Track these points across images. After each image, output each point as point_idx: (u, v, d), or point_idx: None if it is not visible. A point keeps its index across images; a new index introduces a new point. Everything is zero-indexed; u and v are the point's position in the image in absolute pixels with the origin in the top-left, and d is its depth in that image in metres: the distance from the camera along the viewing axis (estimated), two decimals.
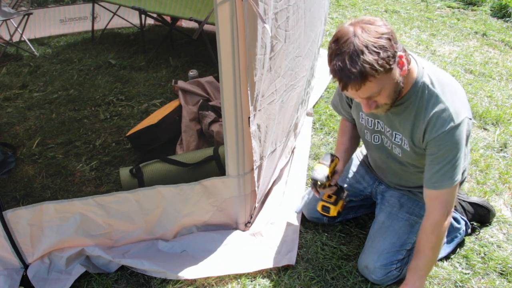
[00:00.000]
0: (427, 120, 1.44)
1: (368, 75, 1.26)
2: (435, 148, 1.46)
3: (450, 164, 1.45)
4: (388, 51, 1.27)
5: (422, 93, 1.45)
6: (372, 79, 1.28)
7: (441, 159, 1.45)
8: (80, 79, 3.53)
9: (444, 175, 1.46)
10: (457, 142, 1.43)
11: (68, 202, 1.73)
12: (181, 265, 1.78)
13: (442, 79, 1.47)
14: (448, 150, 1.44)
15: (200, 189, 1.85)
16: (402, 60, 1.35)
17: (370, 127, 1.68)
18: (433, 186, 1.49)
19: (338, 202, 1.74)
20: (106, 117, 2.97)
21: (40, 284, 1.68)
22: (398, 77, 1.36)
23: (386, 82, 1.33)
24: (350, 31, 1.28)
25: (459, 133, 1.42)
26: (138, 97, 3.24)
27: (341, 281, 1.75)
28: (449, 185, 1.47)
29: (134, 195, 1.79)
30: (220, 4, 1.45)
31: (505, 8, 5.28)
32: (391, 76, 1.33)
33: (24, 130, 2.83)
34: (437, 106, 1.43)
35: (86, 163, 2.50)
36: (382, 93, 1.36)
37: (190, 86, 2.76)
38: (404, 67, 1.36)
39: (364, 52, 1.25)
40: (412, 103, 1.47)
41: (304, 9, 1.99)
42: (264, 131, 1.84)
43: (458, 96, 1.46)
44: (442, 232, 1.54)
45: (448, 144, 1.43)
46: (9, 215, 1.65)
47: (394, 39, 1.30)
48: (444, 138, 1.43)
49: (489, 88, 3.43)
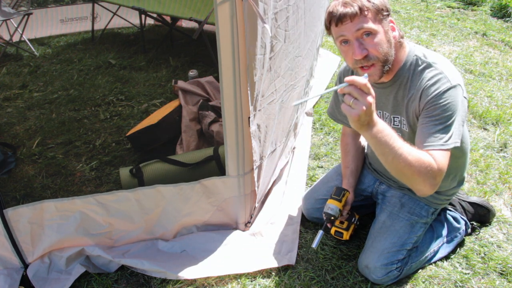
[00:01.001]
0: (423, 85, 1.46)
1: (364, 6, 1.38)
2: (431, 108, 1.43)
3: (445, 125, 1.40)
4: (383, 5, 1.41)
5: (416, 65, 1.50)
6: (368, 12, 1.39)
7: (436, 120, 1.41)
8: (80, 79, 3.53)
9: (437, 135, 1.40)
10: (453, 103, 1.40)
11: (69, 200, 1.73)
12: (181, 265, 1.78)
13: (433, 53, 1.53)
14: (444, 110, 1.40)
15: (200, 188, 1.85)
16: (393, 26, 1.45)
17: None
18: (425, 147, 1.40)
19: (350, 227, 1.85)
20: (106, 117, 2.97)
21: (40, 284, 1.68)
22: (389, 35, 1.44)
23: (377, 27, 1.41)
24: None
25: (456, 95, 1.40)
26: (138, 97, 3.24)
27: (341, 281, 1.75)
28: (443, 147, 1.39)
29: (134, 194, 1.79)
30: (220, 4, 1.45)
31: (505, 8, 5.27)
32: (382, 27, 1.42)
33: (24, 130, 2.83)
34: (432, 71, 1.46)
35: (86, 163, 2.50)
36: (373, 37, 1.41)
37: (190, 86, 2.76)
38: (395, 32, 1.46)
39: None
40: (405, 77, 1.52)
41: (304, 9, 1.99)
42: (264, 131, 1.84)
43: (453, 68, 1.48)
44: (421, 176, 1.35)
45: (445, 104, 1.40)
46: (9, 214, 1.65)
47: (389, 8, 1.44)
48: (440, 97, 1.41)
49: (489, 88, 3.43)
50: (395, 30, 1.46)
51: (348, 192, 1.81)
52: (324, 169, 2.43)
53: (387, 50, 1.44)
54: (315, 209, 1.98)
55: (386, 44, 1.43)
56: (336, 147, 2.61)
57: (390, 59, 1.47)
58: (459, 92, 1.42)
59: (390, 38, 1.45)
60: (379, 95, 1.57)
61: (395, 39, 1.46)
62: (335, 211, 1.74)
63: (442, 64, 1.47)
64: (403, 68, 1.52)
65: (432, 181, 1.37)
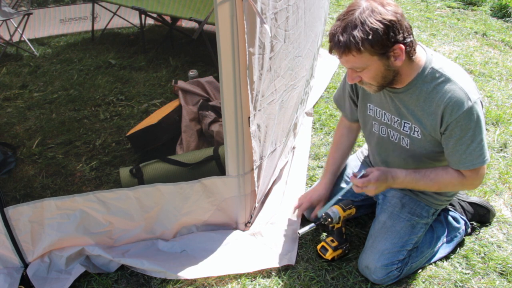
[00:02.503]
0: (444, 103, 1.44)
1: (352, 49, 1.33)
2: (457, 129, 1.45)
3: (476, 142, 1.46)
4: (380, 37, 1.31)
5: (432, 77, 1.46)
6: (355, 54, 1.34)
7: (466, 139, 1.46)
8: (80, 79, 3.53)
9: (472, 153, 1.47)
10: (477, 120, 1.44)
11: (69, 198, 1.73)
12: (181, 264, 1.78)
13: (450, 64, 1.50)
14: (471, 129, 1.44)
15: (199, 187, 1.85)
16: (399, 52, 1.37)
17: (378, 118, 1.68)
18: (466, 167, 1.51)
19: (338, 249, 1.81)
20: (106, 117, 2.97)
21: (40, 283, 1.68)
22: (390, 65, 1.39)
23: (371, 63, 1.38)
24: (360, 5, 1.34)
25: (478, 112, 1.43)
26: (138, 97, 3.24)
27: (341, 281, 1.75)
28: (481, 163, 1.49)
29: (134, 192, 1.80)
30: (220, 4, 1.45)
31: (505, 8, 5.27)
32: (379, 61, 1.37)
33: (24, 130, 2.83)
34: (451, 87, 1.44)
35: (86, 163, 2.50)
36: (365, 71, 1.41)
37: (190, 86, 2.76)
38: (400, 58, 1.39)
39: (357, 27, 1.31)
40: (419, 88, 1.48)
41: (304, 9, 1.99)
42: (264, 131, 1.84)
43: (471, 81, 1.48)
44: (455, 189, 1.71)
45: (470, 123, 1.43)
46: (10, 212, 1.65)
47: (396, 28, 1.33)
48: (465, 118, 1.43)
49: (489, 88, 3.43)
50: (400, 56, 1.38)
51: (354, 208, 1.81)
52: None
53: (382, 81, 1.45)
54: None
55: (382, 75, 1.42)
56: None
57: (388, 83, 1.48)
58: (479, 107, 1.44)
59: (390, 68, 1.41)
60: (390, 99, 1.58)
61: (399, 63, 1.40)
62: (335, 215, 1.75)
63: (461, 78, 1.45)
64: (418, 78, 1.48)
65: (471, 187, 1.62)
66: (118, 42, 4.35)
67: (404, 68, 1.45)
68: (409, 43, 1.39)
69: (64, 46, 4.30)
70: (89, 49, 4.17)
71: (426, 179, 1.59)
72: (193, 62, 3.84)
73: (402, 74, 1.47)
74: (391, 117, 1.62)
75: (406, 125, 1.58)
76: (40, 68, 3.77)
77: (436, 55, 1.50)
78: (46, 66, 3.80)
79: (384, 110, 1.63)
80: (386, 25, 1.31)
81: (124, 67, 3.76)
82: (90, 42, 4.38)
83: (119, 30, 4.71)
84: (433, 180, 1.58)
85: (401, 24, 1.34)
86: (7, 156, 2.50)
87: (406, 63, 1.44)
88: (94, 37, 4.42)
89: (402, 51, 1.37)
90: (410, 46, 1.39)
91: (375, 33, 1.30)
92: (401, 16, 1.35)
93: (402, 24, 1.34)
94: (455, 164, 1.53)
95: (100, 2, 4.34)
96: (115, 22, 4.52)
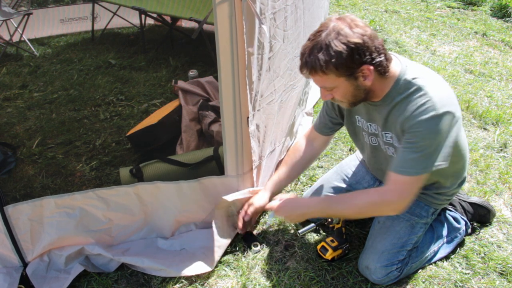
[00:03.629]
0: (410, 110, 1.41)
1: (318, 71, 1.36)
2: (411, 134, 1.41)
3: (421, 154, 1.40)
4: (344, 60, 1.32)
5: (405, 88, 1.44)
6: (322, 75, 1.37)
7: (413, 147, 1.41)
8: (80, 79, 3.53)
9: (409, 161, 1.42)
10: (435, 132, 1.38)
11: (69, 196, 1.73)
12: (180, 262, 1.78)
13: (426, 74, 1.46)
14: (422, 139, 1.40)
15: (198, 187, 1.85)
16: (367, 72, 1.37)
17: (366, 130, 1.68)
18: (396, 170, 1.46)
19: (338, 249, 1.81)
20: (106, 117, 2.97)
21: (39, 282, 1.69)
22: (359, 85, 1.41)
23: (338, 83, 1.40)
24: (328, 26, 1.35)
25: (440, 124, 1.37)
26: (138, 97, 3.24)
27: (341, 281, 1.75)
28: (412, 173, 1.43)
29: (134, 189, 1.80)
30: (219, 4, 1.45)
31: (505, 8, 5.28)
32: (346, 82, 1.39)
33: (24, 130, 2.84)
34: (419, 95, 1.40)
35: (86, 163, 2.50)
36: (335, 90, 1.43)
37: (190, 86, 2.76)
38: (369, 78, 1.39)
39: (322, 49, 1.33)
40: (394, 100, 1.47)
41: (303, 9, 1.99)
42: (263, 131, 1.84)
43: (445, 91, 1.42)
44: (376, 212, 1.61)
45: (426, 132, 1.39)
46: (10, 211, 1.65)
47: (362, 51, 1.33)
48: (421, 125, 1.38)
49: (489, 88, 3.43)
50: (368, 76, 1.38)
51: None
52: (324, 169, 2.43)
53: (353, 99, 1.46)
54: None
55: (351, 94, 1.44)
56: (336, 147, 2.61)
57: (360, 100, 1.49)
58: (445, 119, 1.38)
59: (359, 88, 1.42)
60: (371, 111, 1.59)
61: (367, 83, 1.40)
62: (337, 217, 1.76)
63: (432, 88, 1.40)
64: (393, 90, 1.46)
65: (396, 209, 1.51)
66: (118, 42, 4.35)
67: (377, 85, 1.45)
68: (379, 63, 1.38)
69: (64, 46, 4.30)
70: (89, 49, 4.18)
71: (343, 203, 1.61)
72: (193, 62, 3.84)
73: (376, 90, 1.47)
74: (377, 127, 1.62)
75: (387, 135, 1.57)
76: (40, 68, 3.77)
77: (411, 65, 1.47)
78: (46, 66, 3.81)
79: (369, 122, 1.63)
80: (351, 48, 1.31)
81: (124, 67, 3.77)
82: (90, 42, 4.38)
83: (119, 30, 4.71)
84: (350, 202, 1.58)
85: (368, 46, 1.33)
86: (7, 156, 2.50)
87: (378, 80, 1.43)
88: (94, 37, 4.43)
89: (371, 71, 1.37)
90: (380, 65, 1.39)
91: (339, 56, 1.31)
92: (369, 37, 1.33)
93: (369, 46, 1.33)
94: (395, 165, 1.47)
95: (100, 2, 4.34)
96: (115, 22, 4.52)
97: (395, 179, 1.47)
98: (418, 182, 1.46)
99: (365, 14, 5.31)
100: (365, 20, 5.04)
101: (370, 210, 1.59)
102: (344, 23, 1.33)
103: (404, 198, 1.47)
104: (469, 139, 2.74)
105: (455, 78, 3.62)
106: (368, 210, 1.59)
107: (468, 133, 2.82)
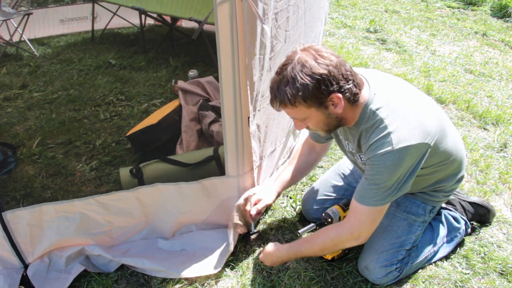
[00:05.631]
0: (370, 139, 1.43)
1: (287, 104, 1.37)
2: (369, 166, 1.44)
3: (377, 186, 1.43)
4: (311, 91, 1.32)
5: (369, 118, 1.44)
6: (291, 107, 1.38)
7: (371, 179, 1.45)
8: (80, 79, 3.53)
9: (368, 192, 1.46)
10: (390, 167, 1.39)
11: (68, 202, 1.73)
12: (181, 263, 1.78)
13: (395, 104, 1.44)
14: (378, 173, 1.42)
15: (199, 188, 1.85)
16: (337, 100, 1.37)
17: (345, 147, 1.70)
18: (356, 198, 1.50)
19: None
20: (106, 117, 2.97)
21: (40, 283, 1.68)
22: (330, 113, 1.41)
23: (309, 114, 1.41)
24: (293, 59, 1.35)
25: (396, 159, 1.38)
26: (138, 97, 3.24)
27: (341, 281, 1.75)
28: (371, 204, 1.46)
29: (134, 193, 1.80)
30: (220, 4, 1.45)
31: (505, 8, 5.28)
32: (317, 112, 1.40)
33: (24, 130, 2.83)
34: (379, 129, 1.41)
35: (86, 163, 2.50)
36: (308, 120, 1.44)
37: (190, 86, 2.76)
38: (339, 106, 1.38)
39: (289, 83, 1.34)
40: (361, 126, 1.47)
41: (304, 9, 1.99)
42: (264, 131, 1.84)
43: (408, 124, 1.40)
44: (338, 245, 1.61)
45: (380, 167, 1.40)
46: (8, 216, 1.65)
47: (328, 81, 1.33)
48: (377, 160, 1.40)
49: (489, 88, 3.43)
50: (338, 104, 1.38)
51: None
52: (324, 169, 2.43)
53: (327, 127, 1.48)
54: (314, 210, 1.98)
55: (324, 123, 1.45)
56: (336, 147, 2.61)
57: (335, 127, 1.50)
58: (404, 155, 1.37)
59: (331, 116, 1.42)
60: (347, 132, 1.60)
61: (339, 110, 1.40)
62: (335, 215, 1.76)
63: (394, 121, 1.39)
64: (361, 118, 1.46)
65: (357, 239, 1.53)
66: (118, 42, 4.35)
67: (347, 112, 1.45)
68: (348, 90, 1.37)
69: (64, 46, 4.30)
70: (89, 49, 4.18)
71: (308, 243, 1.63)
72: (193, 62, 3.84)
73: (347, 118, 1.47)
74: (353, 147, 1.62)
75: (362, 157, 1.59)
76: (40, 68, 3.77)
77: (380, 93, 1.45)
78: (46, 66, 3.80)
79: (347, 141, 1.65)
80: (316, 80, 1.31)
81: (124, 67, 3.76)
82: (90, 42, 4.38)
83: (119, 30, 4.71)
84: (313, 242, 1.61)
85: (334, 76, 1.33)
86: (7, 156, 2.50)
87: (348, 107, 1.43)
88: (94, 37, 4.42)
89: (340, 99, 1.37)
90: (350, 92, 1.38)
91: (305, 88, 1.32)
92: (335, 67, 1.33)
93: (335, 75, 1.33)
94: (356, 192, 1.51)
95: (100, 2, 4.34)
96: (115, 22, 4.52)
97: (355, 208, 1.51)
98: (378, 212, 1.50)
99: (365, 14, 5.31)
100: (365, 20, 5.05)
101: (332, 246, 1.61)
102: (309, 55, 1.34)
103: (364, 227, 1.51)
104: (469, 139, 2.74)
105: (455, 78, 3.62)
106: (330, 246, 1.61)
107: (468, 133, 2.82)
